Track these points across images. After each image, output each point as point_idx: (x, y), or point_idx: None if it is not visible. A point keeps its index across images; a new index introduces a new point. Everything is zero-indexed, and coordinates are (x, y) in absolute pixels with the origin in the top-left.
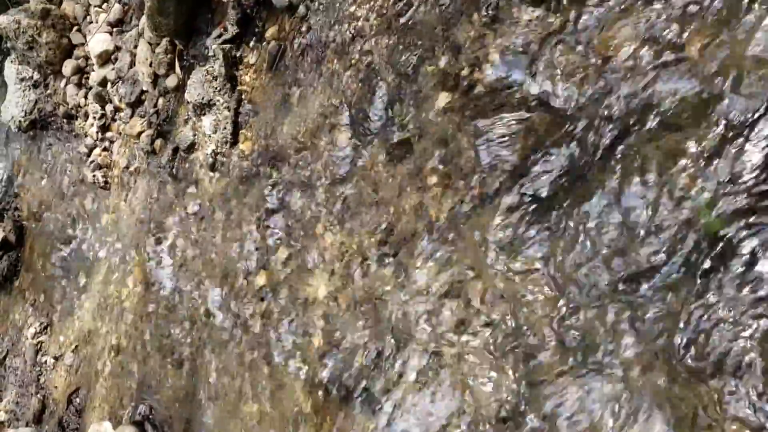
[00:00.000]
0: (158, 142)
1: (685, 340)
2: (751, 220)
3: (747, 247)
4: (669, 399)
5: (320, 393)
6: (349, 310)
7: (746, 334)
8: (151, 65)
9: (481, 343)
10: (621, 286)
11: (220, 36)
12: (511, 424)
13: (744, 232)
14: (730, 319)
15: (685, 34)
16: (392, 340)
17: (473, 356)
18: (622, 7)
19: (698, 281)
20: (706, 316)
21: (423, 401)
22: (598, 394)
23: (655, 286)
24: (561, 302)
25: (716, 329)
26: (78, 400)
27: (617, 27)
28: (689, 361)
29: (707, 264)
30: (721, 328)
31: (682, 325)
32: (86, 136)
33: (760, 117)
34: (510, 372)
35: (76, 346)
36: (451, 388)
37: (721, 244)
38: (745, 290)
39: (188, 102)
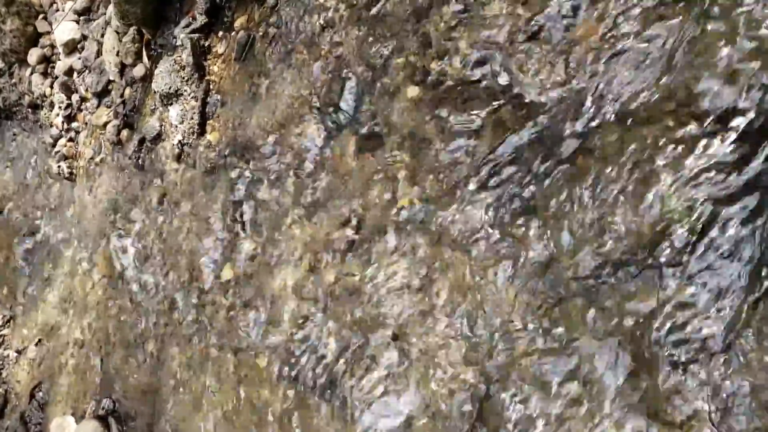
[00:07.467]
0: (124, 133)
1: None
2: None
3: None
4: None
5: (286, 386)
6: (316, 303)
7: None
8: (118, 54)
9: (448, 334)
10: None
11: (188, 25)
12: (475, 414)
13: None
14: None
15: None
16: (359, 333)
17: (439, 348)
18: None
19: None
20: None
21: (389, 394)
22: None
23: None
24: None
25: None
26: (41, 394)
27: (585, 18)
28: None
29: None
30: None
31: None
32: (52, 126)
33: None
34: (476, 363)
35: (40, 340)
36: (416, 380)
37: None
38: None
39: (155, 92)
